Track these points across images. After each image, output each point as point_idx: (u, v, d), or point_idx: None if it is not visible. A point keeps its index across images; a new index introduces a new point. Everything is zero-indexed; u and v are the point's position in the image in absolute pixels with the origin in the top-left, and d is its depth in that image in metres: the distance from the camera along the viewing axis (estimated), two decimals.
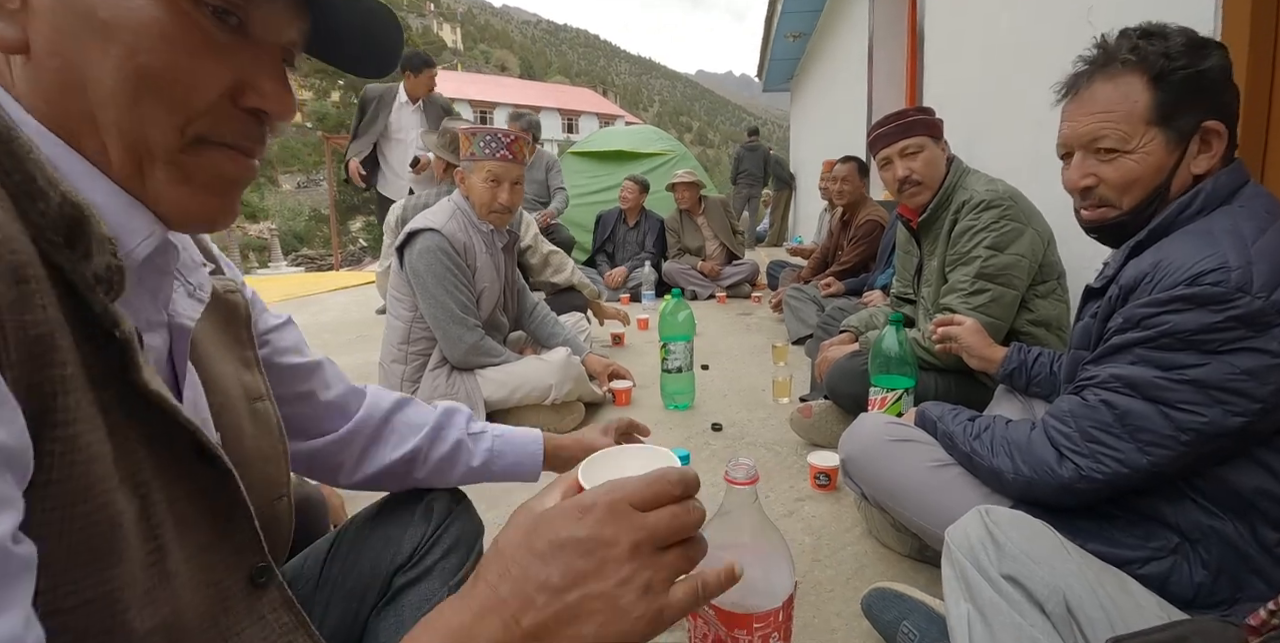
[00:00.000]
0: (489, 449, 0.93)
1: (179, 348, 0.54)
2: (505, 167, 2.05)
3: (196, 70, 0.44)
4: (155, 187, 0.45)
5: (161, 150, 0.44)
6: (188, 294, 0.55)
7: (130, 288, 0.45)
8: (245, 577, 0.53)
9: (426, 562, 0.84)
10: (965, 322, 1.57)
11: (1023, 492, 1.02)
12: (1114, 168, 0.96)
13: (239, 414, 0.61)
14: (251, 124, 0.48)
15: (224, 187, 0.48)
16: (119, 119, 0.42)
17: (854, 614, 1.17)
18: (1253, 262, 0.83)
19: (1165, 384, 0.87)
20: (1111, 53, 0.97)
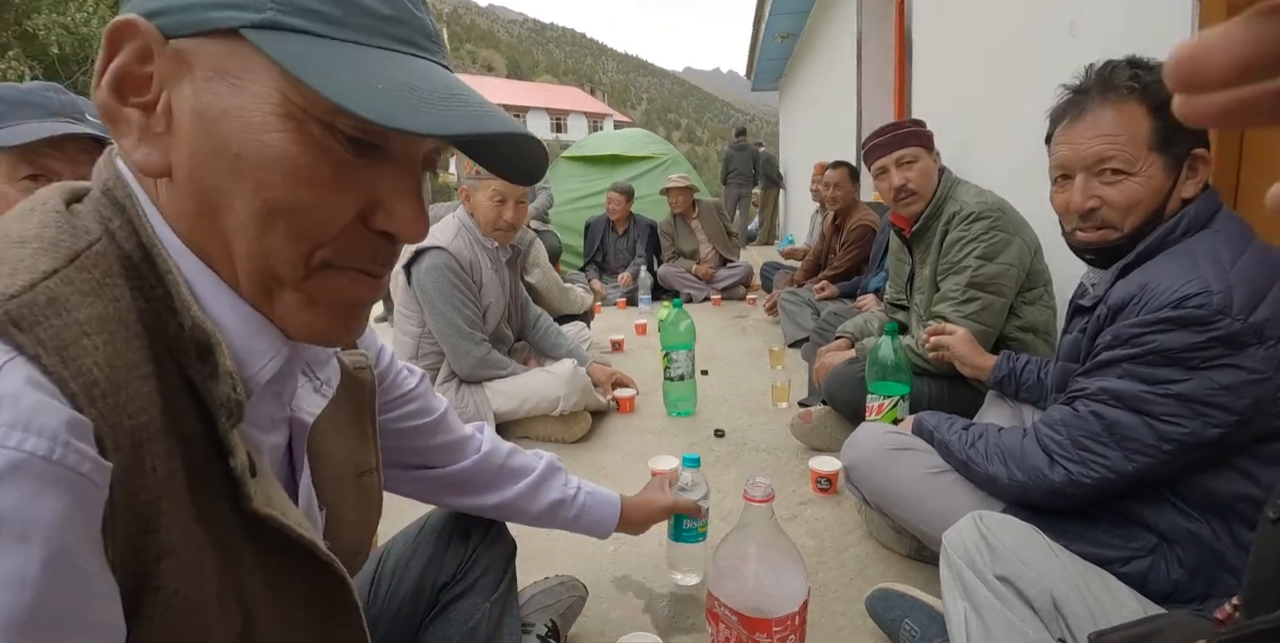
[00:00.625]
0: (581, 505, 1.06)
1: (298, 444, 0.54)
2: (510, 186, 2.10)
3: (326, 203, 0.43)
4: (282, 310, 0.45)
5: (289, 278, 0.44)
6: (313, 390, 0.55)
7: (258, 398, 0.48)
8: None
9: (469, 579, 0.91)
10: (956, 332, 1.64)
11: (1016, 496, 1.08)
12: (1118, 190, 1.00)
13: (346, 487, 0.63)
14: (380, 245, 0.46)
15: (348, 309, 0.47)
16: (250, 248, 0.42)
17: (858, 613, 1.23)
18: (1232, 286, 0.89)
19: (1150, 398, 0.93)
20: (1110, 80, 1.01)
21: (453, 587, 0.91)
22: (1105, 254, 1.05)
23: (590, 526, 1.06)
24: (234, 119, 0.40)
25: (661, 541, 1.53)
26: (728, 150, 9.51)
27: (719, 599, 0.83)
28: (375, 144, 0.43)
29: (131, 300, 0.40)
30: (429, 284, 2.05)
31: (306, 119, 0.40)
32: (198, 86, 0.40)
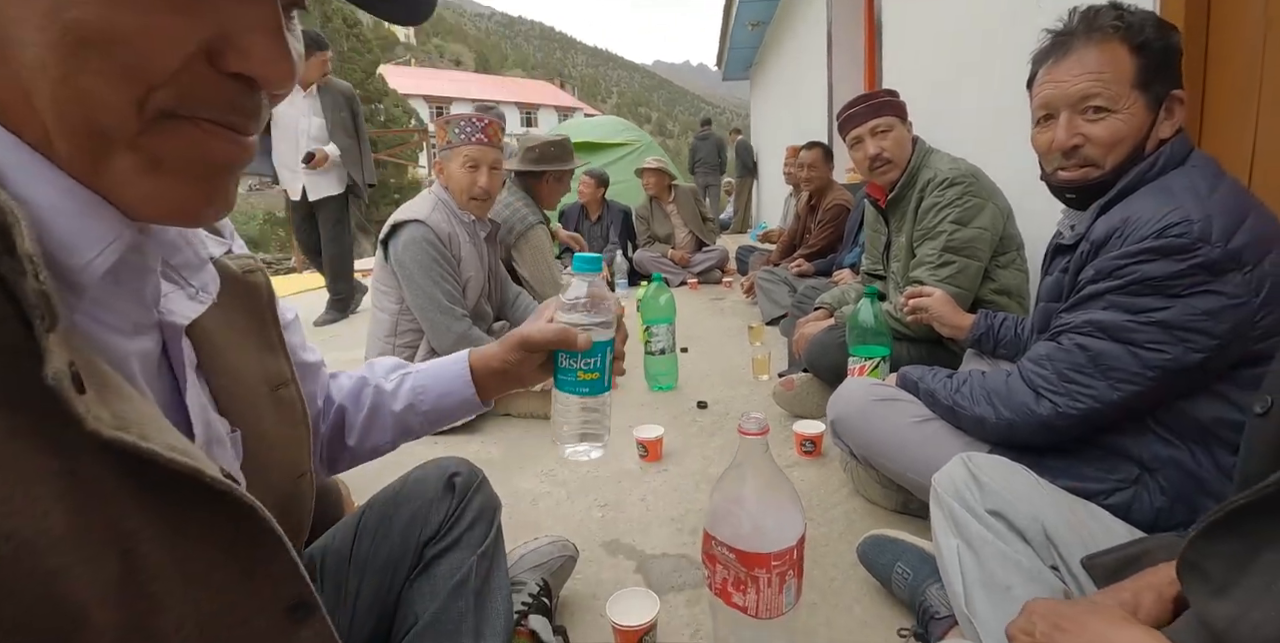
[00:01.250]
0: (410, 388, 0.82)
1: (174, 348, 0.48)
2: (482, 150, 2.07)
3: (154, 24, 0.33)
4: (116, 178, 0.36)
5: (117, 132, 0.35)
6: (188, 298, 0.48)
7: (104, 294, 0.40)
8: (281, 611, 0.46)
9: (454, 533, 0.88)
10: (934, 293, 1.65)
11: (1004, 435, 1.09)
12: (1103, 127, 1.01)
13: (260, 403, 0.57)
14: (238, 92, 0.38)
15: (206, 172, 0.39)
16: (58, 97, 0.33)
17: (850, 564, 1.24)
18: (1211, 215, 0.90)
19: (1134, 326, 0.95)
20: (1095, 21, 1.02)
21: (437, 542, 0.87)
22: (1085, 193, 1.06)
23: (440, 402, 0.82)
24: None
25: (645, 499, 1.52)
26: (694, 141, 9.57)
27: (716, 539, 0.82)
28: None
29: None
30: (407, 258, 2.01)
31: None
32: None
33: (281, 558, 0.45)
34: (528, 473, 1.73)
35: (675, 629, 1.10)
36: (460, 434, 2.05)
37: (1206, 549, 0.56)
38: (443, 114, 43.93)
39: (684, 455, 1.81)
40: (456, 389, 0.82)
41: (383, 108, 23.52)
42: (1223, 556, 0.54)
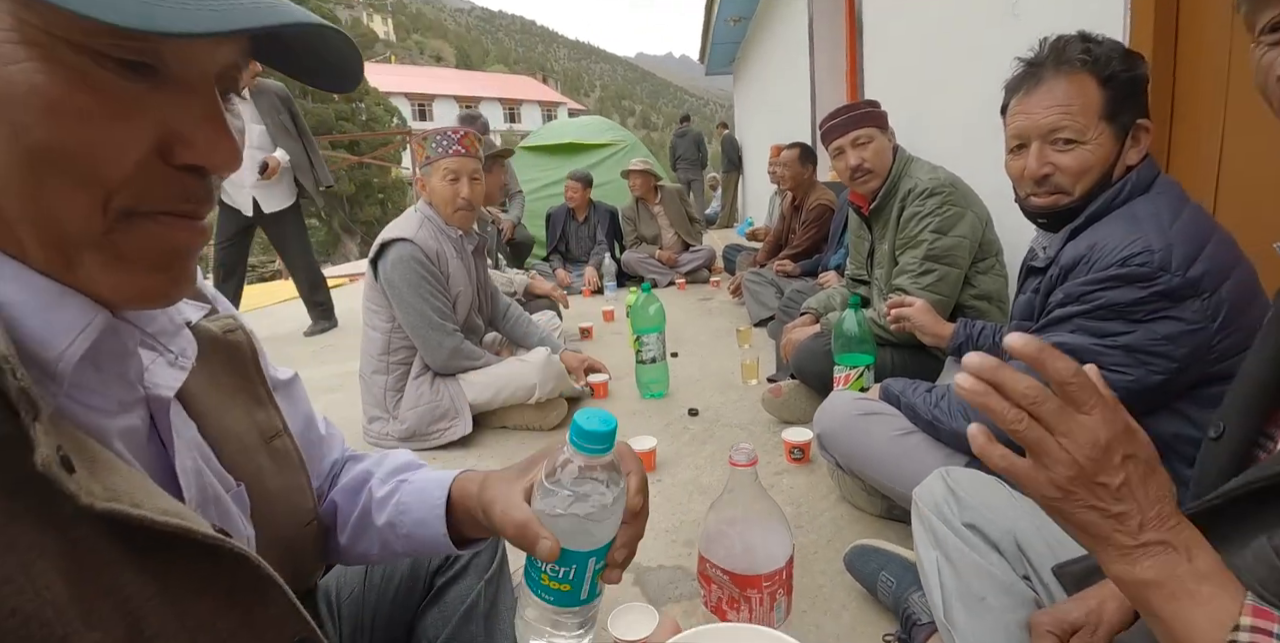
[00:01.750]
0: (395, 504, 0.70)
1: (161, 421, 0.49)
2: (461, 161, 2.09)
3: (104, 139, 0.36)
4: (86, 274, 0.38)
5: (85, 236, 0.37)
6: (168, 364, 0.49)
7: (88, 381, 0.42)
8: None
9: (461, 561, 0.91)
10: (915, 303, 1.70)
11: None
12: (1071, 157, 1.06)
13: (258, 456, 0.59)
14: (190, 182, 0.40)
15: (167, 260, 0.41)
16: (25, 208, 0.36)
17: (837, 571, 1.29)
18: (1172, 244, 0.96)
19: (1099, 350, 1.00)
20: (1064, 54, 1.07)
21: (446, 571, 0.91)
22: (1056, 218, 1.11)
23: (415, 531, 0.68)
24: None
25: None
26: (672, 138, 9.62)
27: (710, 562, 0.87)
28: (148, 64, 0.37)
29: None
30: (396, 277, 2.04)
31: (52, 42, 0.34)
32: None
33: (279, 601, 0.47)
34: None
35: None
36: (456, 449, 2.09)
37: None
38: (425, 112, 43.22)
39: (676, 466, 1.86)
40: (431, 522, 0.68)
41: (364, 107, 23.31)
42: None
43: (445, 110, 41.30)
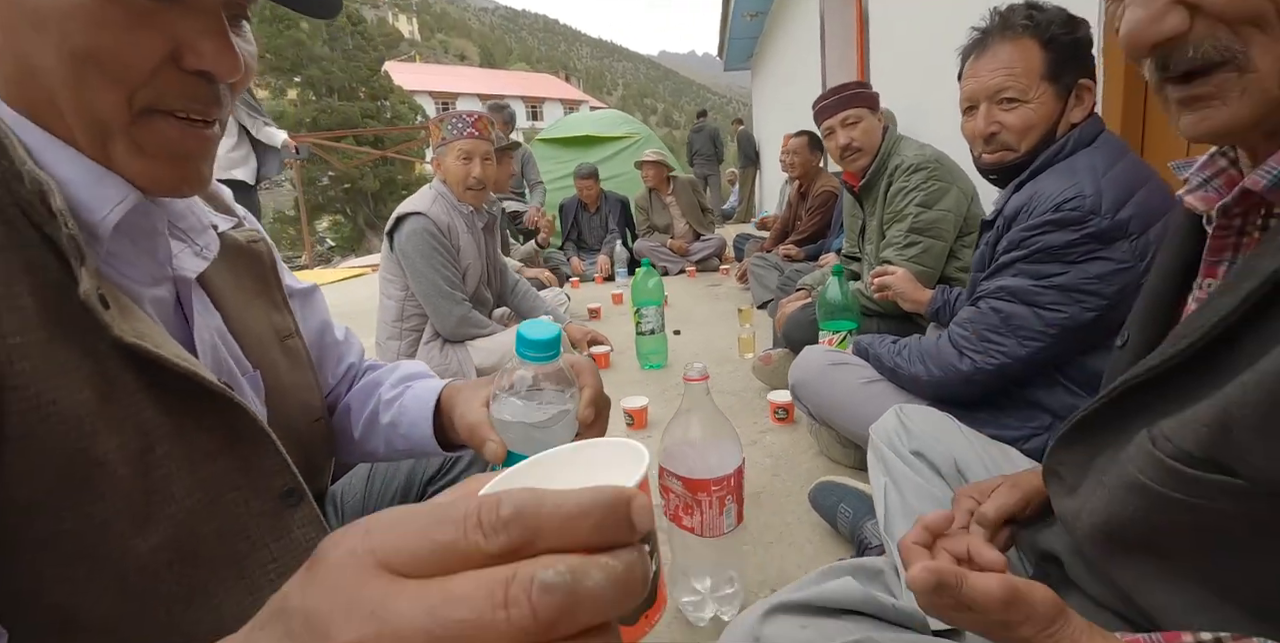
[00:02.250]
0: (399, 406, 0.78)
1: (185, 297, 0.58)
2: (474, 143, 2.22)
3: (129, 44, 0.45)
4: (117, 158, 0.48)
5: (115, 125, 0.47)
6: (194, 254, 0.59)
7: (124, 250, 0.52)
8: (275, 497, 0.57)
9: (453, 473, 1.02)
10: (897, 271, 1.78)
11: (936, 390, 1.23)
12: (1015, 116, 1.14)
13: (273, 352, 0.67)
14: (199, 86, 0.49)
15: (179, 160, 0.51)
16: (71, 100, 0.45)
17: (806, 511, 1.38)
18: (1102, 190, 1.04)
19: (1037, 290, 1.08)
20: (1009, 20, 1.15)
21: (438, 480, 1.03)
22: (1005, 174, 1.19)
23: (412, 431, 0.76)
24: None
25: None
26: (690, 134, 9.68)
27: (667, 471, 0.97)
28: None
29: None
30: (410, 248, 2.17)
31: None
32: None
33: (272, 454, 0.56)
34: None
35: None
36: None
37: (1061, 457, 0.68)
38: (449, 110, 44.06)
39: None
40: (422, 424, 0.75)
41: (388, 105, 23.68)
42: (1070, 463, 0.66)
43: (468, 108, 41.60)
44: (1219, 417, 0.42)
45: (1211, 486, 0.42)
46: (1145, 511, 0.48)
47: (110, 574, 0.46)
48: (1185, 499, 0.44)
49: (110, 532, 0.45)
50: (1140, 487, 0.47)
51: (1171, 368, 0.49)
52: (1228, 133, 0.46)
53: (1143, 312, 0.68)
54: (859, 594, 0.66)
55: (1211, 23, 0.43)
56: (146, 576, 0.47)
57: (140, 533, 0.47)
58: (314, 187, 20.45)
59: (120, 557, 0.46)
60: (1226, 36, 0.43)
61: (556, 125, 6.83)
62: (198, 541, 0.51)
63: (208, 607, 0.51)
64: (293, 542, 0.58)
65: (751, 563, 1.24)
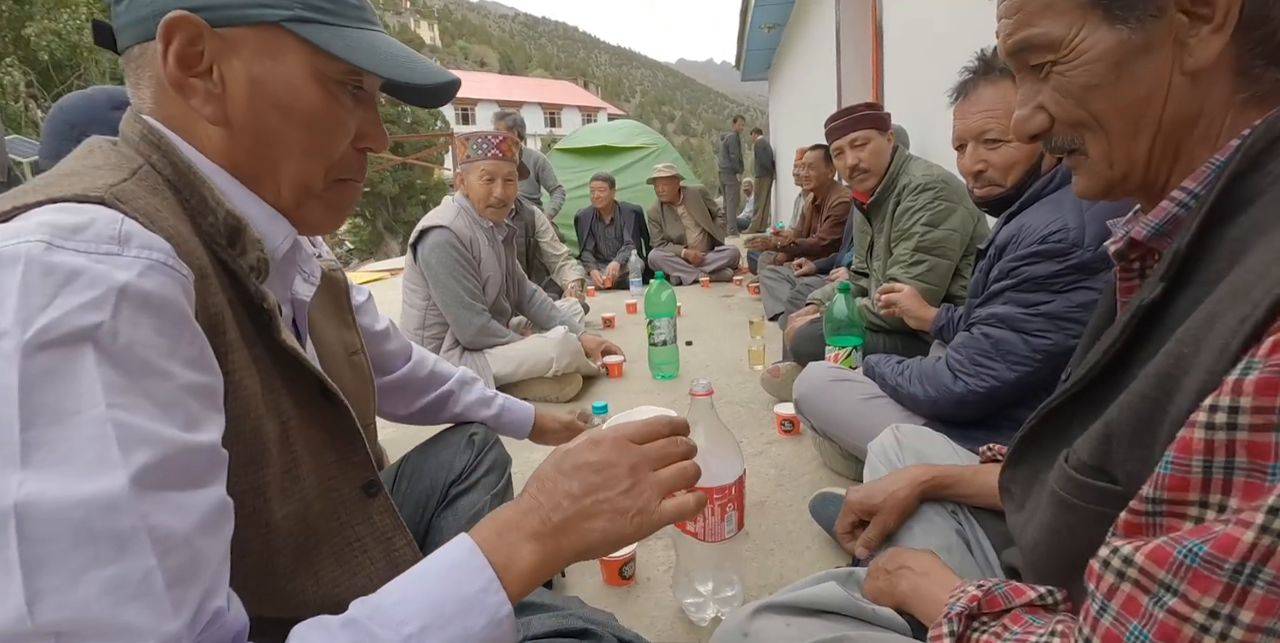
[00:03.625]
0: (500, 405, 1.27)
1: (300, 317, 0.72)
2: (497, 164, 2.32)
3: (340, 135, 0.62)
4: (309, 214, 0.64)
5: (315, 190, 0.62)
6: (303, 280, 0.72)
7: (272, 275, 0.62)
8: (360, 486, 0.69)
9: (474, 477, 1.11)
10: (904, 289, 1.85)
11: (931, 410, 1.30)
12: (999, 154, 1.23)
13: (342, 365, 0.81)
14: (363, 158, 0.66)
15: (346, 207, 0.68)
16: (291, 171, 0.60)
17: (807, 521, 1.45)
18: (1086, 224, 1.10)
19: (1025, 318, 1.15)
20: (990, 63, 1.23)
21: (459, 483, 1.11)
22: (995, 205, 1.26)
23: (511, 424, 1.28)
24: (281, 83, 0.57)
25: None
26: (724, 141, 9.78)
27: None
28: (361, 91, 0.63)
29: (176, 202, 0.54)
30: (433, 260, 2.26)
31: (329, 81, 0.59)
32: (247, 62, 0.56)
33: (361, 449, 0.68)
34: (540, 448, 1.96)
35: (653, 565, 1.32)
36: None
37: (1011, 475, 0.74)
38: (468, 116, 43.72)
39: None
40: (523, 423, 1.31)
41: (409, 110, 24.00)
42: (1019, 480, 0.72)
43: (487, 114, 41.94)
44: (1104, 431, 0.49)
45: (1097, 491, 0.50)
46: (1056, 518, 0.55)
47: (259, 535, 0.57)
48: (1080, 504, 0.51)
49: (264, 498, 0.57)
50: (1053, 495, 0.54)
51: (1080, 392, 0.57)
52: (1089, 194, 0.60)
53: (1082, 348, 0.73)
54: (841, 598, 0.73)
55: (1060, 123, 0.57)
56: (277, 539, 0.59)
57: (281, 503, 0.59)
58: None
59: (267, 521, 0.58)
60: (1070, 133, 0.57)
61: (574, 136, 6.95)
62: (311, 517, 0.63)
63: (309, 574, 0.63)
64: (373, 527, 0.70)
65: (752, 568, 1.31)
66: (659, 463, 0.57)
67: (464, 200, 2.39)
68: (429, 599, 0.47)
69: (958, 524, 1.08)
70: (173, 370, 0.44)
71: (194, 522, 0.41)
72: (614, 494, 0.54)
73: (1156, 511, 0.43)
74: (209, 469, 0.45)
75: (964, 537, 1.06)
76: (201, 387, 0.46)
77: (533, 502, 0.55)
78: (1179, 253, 0.49)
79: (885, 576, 0.79)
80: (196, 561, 0.41)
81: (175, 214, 0.53)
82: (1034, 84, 0.58)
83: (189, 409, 0.44)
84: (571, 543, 0.53)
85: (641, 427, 0.59)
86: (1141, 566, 0.41)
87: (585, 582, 1.29)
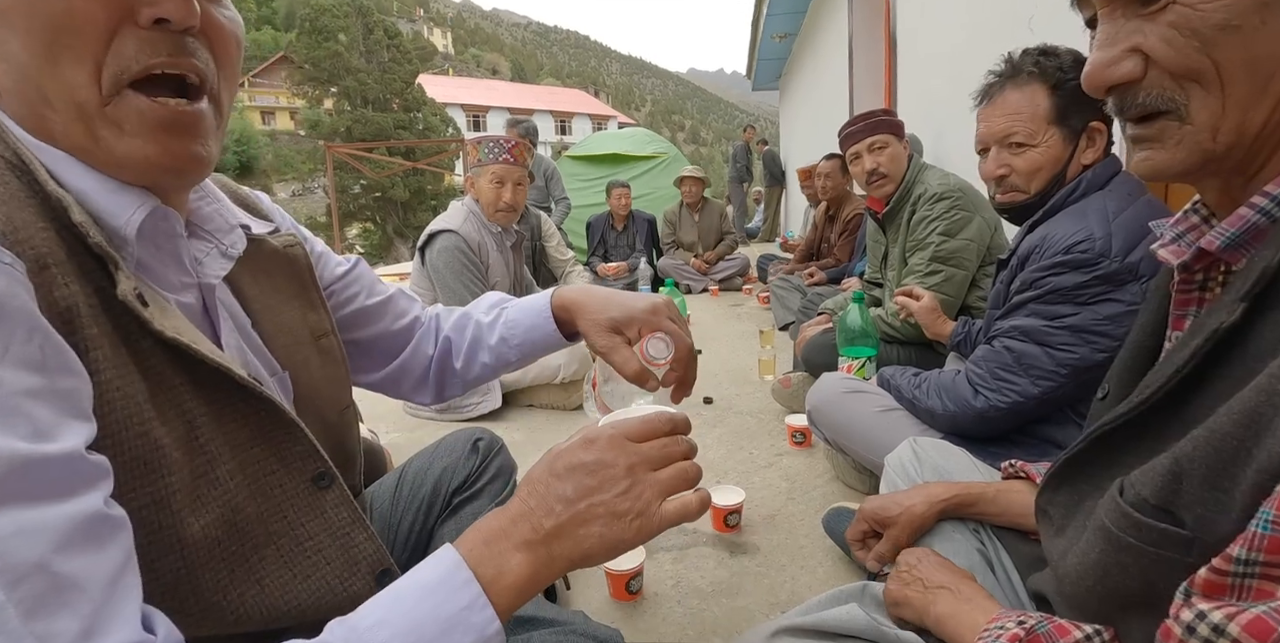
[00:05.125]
0: (504, 322, 0.91)
1: (210, 302, 0.62)
2: (508, 169, 2.30)
3: (75, 10, 0.46)
4: (106, 147, 0.49)
5: (90, 106, 0.48)
6: (220, 254, 0.62)
7: (151, 258, 0.55)
8: (308, 480, 0.61)
9: (479, 484, 1.08)
10: (924, 296, 1.80)
11: (950, 424, 1.26)
12: (1023, 159, 1.19)
13: (307, 350, 0.72)
14: (160, 39, 0.49)
15: (161, 130, 0.51)
16: (49, 87, 0.47)
17: (820, 536, 1.41)
18: (1112, 233, 1.07)
19: (1049, 330, 1.11)
20: (1017, 66, 1.20)
21: (464, 491, 1.08)
22: (1018, 213, 1.22)
23: (529, 335, 0.89)
24: None
25: None
26: (734, 149, 9.78)
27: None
28: None
29: (20, 186, 0.47)
30: (441, 264, 2.25)
31: None
32: None
33: (302, 441, 0.60)
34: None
35: (660, 579, 1.29)
36: (487, 421, 2.27)
37: (1050, 497, 0.71)
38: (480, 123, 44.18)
39: None
40: (540, 325, 0.88)
41: (421, 116, 24.17)
42: (1059, 503, 0.69)
43: (498, 121, 42.49)
44: (1172, 468, 0.44)
45: (1159, 532, 0.45)
46: (1106, 554, 0.50)
47: (171, 551, 0.50)
48: (1137, 545, 0.46)
49: (169, 510, 0.49)
50: (1104, 531, 0.50)
51: (1136, 417, 0.52)
52: (1163, 174, 0.50)
53: (1123, 363, 0.70)
54: (862, 621, 0.69)
55: (1160, 73, 0.47)
56: (200, 552, 0.51)
57: (194, 512, 0.51)
58: (346, 195, 20.92)
59: (179, 534, 0.50)
60: (1172, 88, 0.47)
61: (585, 142, 6.96)
62: (242, 520, 0.55)
63: (250, 582, 0.56)
64: (327, 522, 0.63)
65: (763, 584, 1.27)
66: (659, 463, 0.53)
67: (473, 204, 2.38)
68: (408, 620, 0.44)
69: (979, 544, 1.04)
70: (3, 375, 0.38)
71: (49, 542, 0.36)
72: (610, 497, 0.50)
73: (1248, 572, 0.38)
74: (70, 481, 0.39)
75: (986, 557, 1.02)
76: (48, 390, 0.40)
77: (523, 507, 0.51)
78: (1269, 270, 0.43)
79: (920, 588, 0.75)
80: (62, 586, 0.36)
81: (14, 200, 0.45)
82: (1130, 22, 0.48)
83: (32, 417, 0.38)
84: (566, 550, 0.49)
85: (640, 424, 0.54)
86: (1238, 638, 0.37)
87: (591, 596, 1.25)
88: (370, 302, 0.90)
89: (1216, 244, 0.49)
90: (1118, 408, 0.57)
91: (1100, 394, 0.74)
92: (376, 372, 0.94)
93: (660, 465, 0.53)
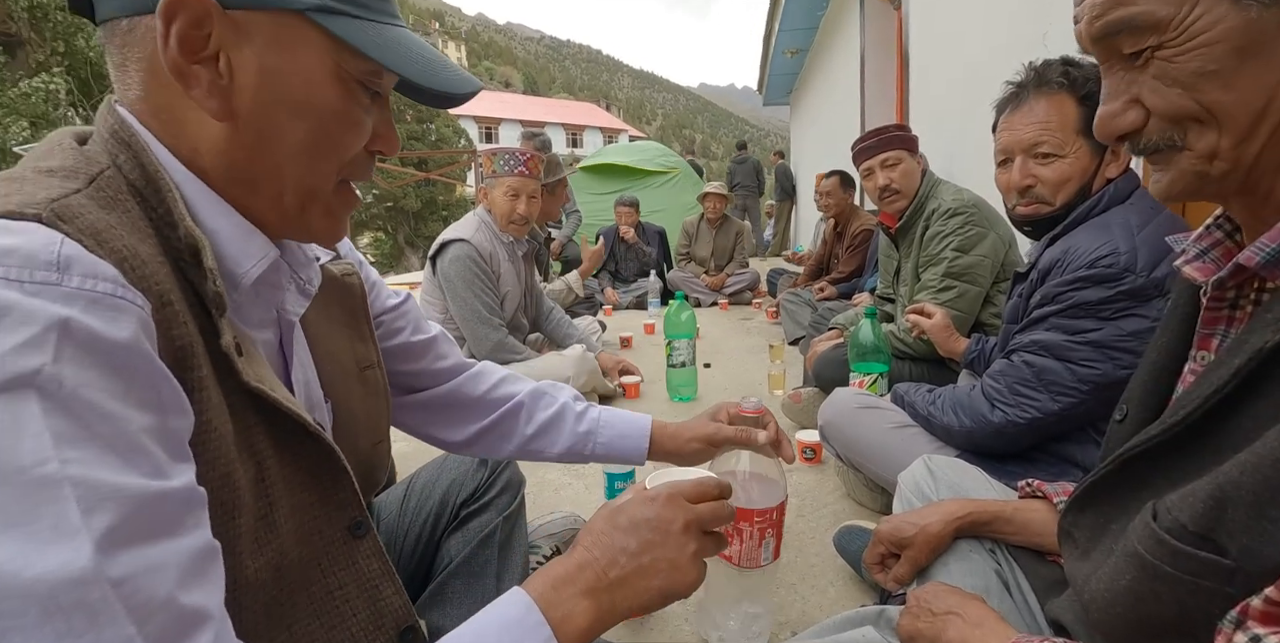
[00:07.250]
0: (595, 418, 0.96)
1: (287, 339, 0.64)
2: (522, 181, 2.31)
3: (354, 137, 0.56)
4: (311, 221, 0.58)
5: (322, 192, 0.57)
6: (298, 290, 0.64)
7: (247, 300, 0.57)
8: (345, 528, 0.62)
9: (486, 497, 1.07)
10: (936, 313, 1.78)
11: (966, 441, 1.23)
12: (1051, 170, 1.16)
13: (350, 380, 0.73)
14: (370, 160, 0.60)
15: (347, 214, 0.61)
16: (299, 173, 0.54)
17: (830, 554, 1.38)
18: (1137, 248, 1.05)
19: (1071, 345, 1.09)
20: (1044, 76, 1.18)
21: (471, 503, 1.06)
22: (1039, 226, 1.21)
23: (614, 442, 0.95)
24: (298, 78, 0.51)
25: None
26: (731, 165, 9.79)
27: None
28: (379, 92, 0.58)
29: (141, 214, 0.48)
30: (452, 273, 2.24)
31: (349, 79, 0.54)
32: (260, 51, 0.50)
33: (347, 488, 0.61)
34: (554, 468, 1.91)
35: None
36: None
37: (1075, 520, 0.69)
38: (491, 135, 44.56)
39: None
40: (633, 436, 0.95)
41: (434, 128, 24.41)
42: (1084, 526, 0.67)
43: (510, 133, 42.86)
44: (1215, 494, 0.42)
45: (1200, 562, 0.43)
46: (1138, 581, 0.48)
47: (227, 592, 0.50)
48: (1173, 573, 0.44)
49: (234, 552, 0.50)
50: (1137, 557, 0.48)
51: (1170, 439, 0.51)
52: (1169, 195, 0.53)
53: (1141, 384, 0.68)
54: None
55: (1159, 119, 0.51)
56: (248, 595, 0.52)
57: (252, 555, 0.52)
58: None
59: (235, 576, 0.50)
60: (1171, 129, 0.50)
61: (598, 154, 7.00)
62: (287, 565, 0.56)
63: (281, 627, 0.56)
64: (357, 572, 0.63)
65: (768, 583, 1.24)
66: (710, 524, 0.59)
67: (485, 214, 2.38)
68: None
69: (996, 564, 1.02)
70: (129, 414, 0.39)
71: (174, 578, 0.38)
72: (671, 552, 0.55)
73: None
74: (186, 514, 0.41)
75: (1003, 578, 0.99)
76: (164, 429, 0.41)
77: (587, 556, 0.54)
78: None
79: (929, 617, 0.73)
80: (185, 619, 0.38)
81: (136, 230, 0.46)
82: (1126, 74, 0.52)
83: (152, 454, 0.40)
84: (627, 600, 0.54)
85: (694, 486, 0.60)
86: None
87: None
88: (416, 338, 0.91)
89: (1256, 259, 0.48)
90: (1149, 429, 0.55)
91: (1118, 416, 0.72)
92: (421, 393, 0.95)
93: (711, 526, 0.60)
